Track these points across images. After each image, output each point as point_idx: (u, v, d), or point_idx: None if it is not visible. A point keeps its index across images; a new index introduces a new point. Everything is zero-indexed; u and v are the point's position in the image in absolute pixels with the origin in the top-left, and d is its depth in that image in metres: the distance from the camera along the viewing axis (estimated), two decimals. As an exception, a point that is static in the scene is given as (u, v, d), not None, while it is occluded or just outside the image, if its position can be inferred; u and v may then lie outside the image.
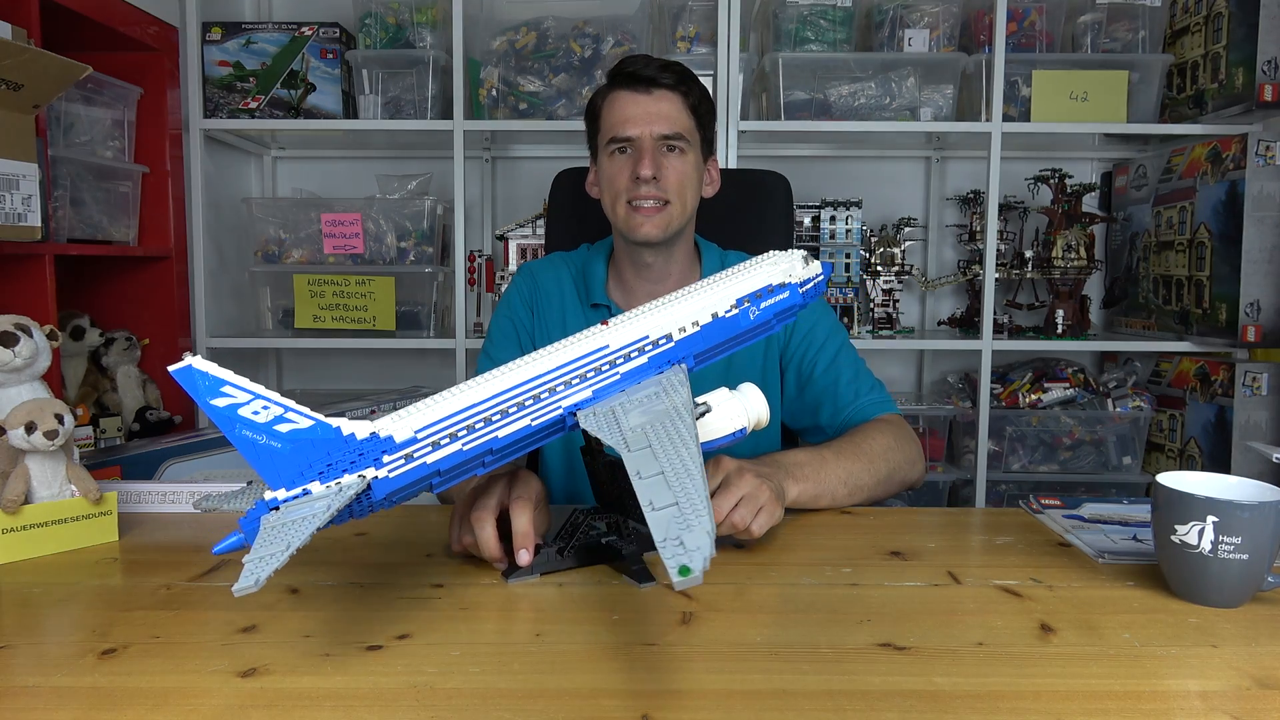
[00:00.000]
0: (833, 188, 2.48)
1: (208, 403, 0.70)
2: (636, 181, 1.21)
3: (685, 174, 1.24)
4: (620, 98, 1.24)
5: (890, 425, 1.20)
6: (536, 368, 0.81)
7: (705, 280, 0.92)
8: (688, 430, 0.73)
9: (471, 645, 0.72)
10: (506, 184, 2.61)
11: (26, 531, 0.93)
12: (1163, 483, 0.82)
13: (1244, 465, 2.06)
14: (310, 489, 0.72)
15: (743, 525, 0.91)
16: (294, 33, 2.22)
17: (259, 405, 0.71)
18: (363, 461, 0.74)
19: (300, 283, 2.22)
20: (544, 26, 2.23)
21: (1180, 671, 0.68)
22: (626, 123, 1.22)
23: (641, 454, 0.71)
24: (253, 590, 0.63)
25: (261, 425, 0.71)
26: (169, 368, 0.69)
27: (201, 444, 1.57)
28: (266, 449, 0.71)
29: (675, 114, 1.24)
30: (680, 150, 1.24)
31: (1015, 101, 2.23)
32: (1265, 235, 2.02)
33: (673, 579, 0.58)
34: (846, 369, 1.27)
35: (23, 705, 0.63)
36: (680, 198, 1.24)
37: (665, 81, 1.23)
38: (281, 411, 0.72)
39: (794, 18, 2.21)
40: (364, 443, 0.74)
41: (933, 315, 2.63)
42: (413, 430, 0.75)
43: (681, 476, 0.67)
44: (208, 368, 0.70)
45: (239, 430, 0.71)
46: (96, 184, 1.86)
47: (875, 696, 0.64)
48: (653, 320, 0.86)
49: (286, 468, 0.72)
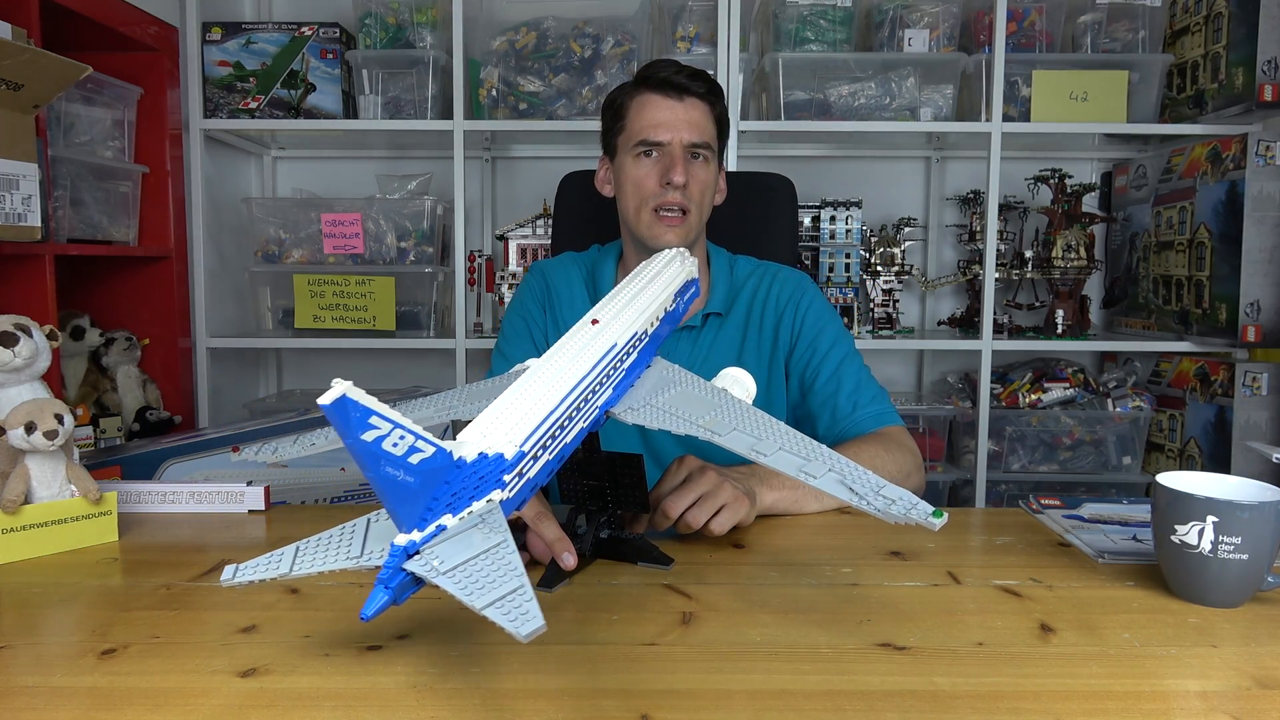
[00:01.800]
0: (833, 188, 2.48)
1: (359, 439, 0.57)
2: (666, 187, 1.23)
3: (707, 183, 1.27)
4: (652, 101, 1.25)
5: (882, 437, 1.20)
6: (578, 370, 0.77)
7: (637, 276, 0.94)
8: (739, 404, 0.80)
9: (471, 645, 0.72)
10: (506, 184, 2.61)
11: (26, 531, 0.93)
12: (1163, 483, 0.82)
13: (1244, 465, 2.06)
14: (445, 524, 0.63)
15: (696, 523, 0.93)
16: (294, 33, 2.22)
17: (397, 436, 0.59)
18: (485, 486, 0.66)
19: (300, 283, 2.22)
20: (544, 26, 2.23)
21: (1180, 671, 0.68)
22: (658, 127, 1.24)
23: (735, 435, 0.75)
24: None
25: (399, 459, 0.60)
26: (318, 400, 0.55)
27: (201, 444, 1.57)
28: (403, 486, 0.61)
29: (704, 123, 1.26)
30: (705, 159, 1.26)
31: (1015, 101, 2.23)
32: (1265, 235, 2.02)
33: (927, 521, 0.64)
34: (849, 379, 1.27)
35: (23, 705, 0.63)
36: (700, 206, 1.27)
37: (697, 90, 1.25)
38: (414, 441, 0.60)
39: (794, 18, 2.21)
40: (478, 464, 0.66)
41: (933, 315, 2.63)
42: (517, 445, 0.69)
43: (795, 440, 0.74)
44: (360, 396, 0.56)
45: (383, 468, 0.59)
46: (96, 184, 1.86)
47: (875, 696, 0.64)
48: (630, 316, 0.87)
49: (416, 504, 0.62)
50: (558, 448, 0.74)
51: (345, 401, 0.55)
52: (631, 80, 1.30)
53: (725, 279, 1.34)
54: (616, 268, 1.36)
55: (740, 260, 1.38)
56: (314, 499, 1.62)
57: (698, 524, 0.93)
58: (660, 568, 0.89)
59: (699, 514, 0.94)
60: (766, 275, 1.36)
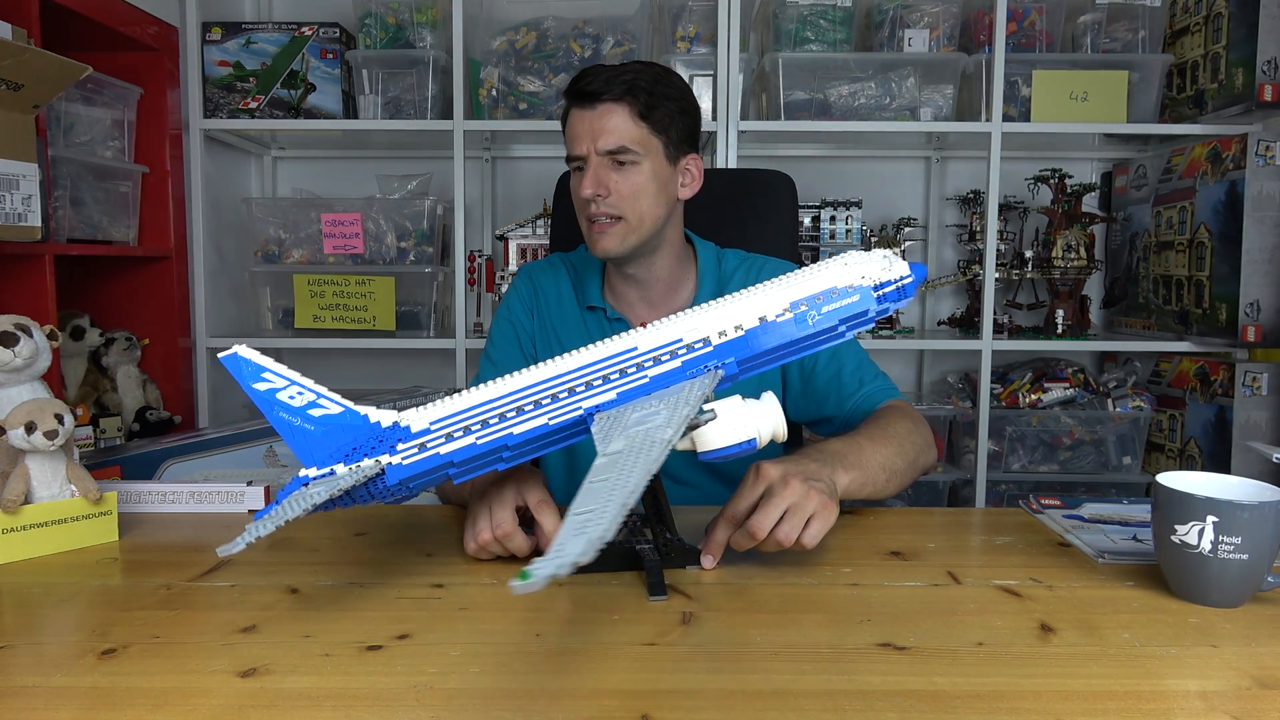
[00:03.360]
0: (833, 188, 2.48)
1: (250, 386, 0.79)
2: (585, 200, 1.20)
3: (638, 185, 1.19)
4: (571, 115, 1.22)
5: (904, 411, 1.19)
6: (557, 367, 0.82)
7: (766, 283, 0.86)
8: (658, 448, 0.70)
9: (471, 645, 0.72)
10: (506, 184, 2.61)
11: (26, 531, 0.93)
12: (1163, 483, 0.82)
13: (1244, 465, 2.06)
14: (336, 470, 0.80)
15: (788, 540, 0.86)
16: (294, 33, 2.22)
17: (294, 390, 0.80)
18: (381, 447, 0.80)
19: (300, 283, 2.22)
20: (544, 26, 2.23)
21: (1180, 671, 0.68)
22: (574, 140, 1.20)
23: (604, 460, 0.71)
24: (236, 550, 0.74)
25: (297, 409, 0.80)
26: (219, 355, 0.79)
27: (201, 444, 1.57)
28: (301, 431, 0.80)
29: (620, 126, 1.18)
30: (631, 163, 1.19)
31: (1015, 101, 2.23)
32: (1265, 235, 2.02)
33: (511, 582, 0.56)
34: (850, 360, 1.26)
35: (23, 705, 0.63)
36: (634, 210, 1.20)
37: (609, 94, 1.18)
38: (314, 398, 0.80)
39: (794, 18, 2.21)
40: (386, 430, 0.80)
41: (933, 315, 2.63)
42: (428, 421, 0.80)
43: (616, 490, 0.65)
44: (251, 355, 0.79)
45: (277, 413, 0.80)
46: (96, 184, 1.86)
47: (875, 696, 0.64)
48: (689, 323, 0.83)
49: (318, 449, 0.80)
50: (490, 435, 0.80)
51: (236, 357, 0.79)
52: None
53: (713, 272, 1.33)
54: (603, 268, 1.36)
55: (728, 253, 1.37)
56: (314, 499, 1.62)
57: (789, 541, 0.85)
58: (645, 594, 0.84)
59: (788, 530, 0.85)
60: (754, 266, 1.34)
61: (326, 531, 1.02)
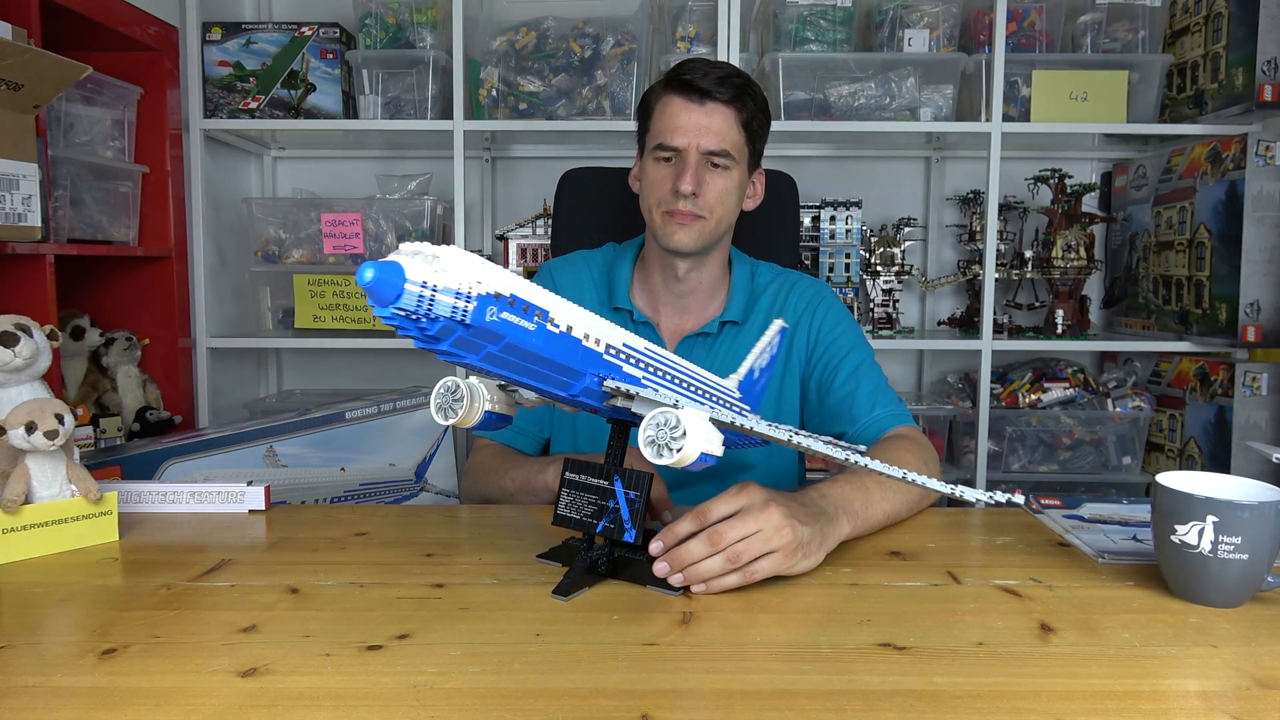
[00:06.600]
0: (833, 188, 2.48)
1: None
2: (675, 194, 1.20)
3: (726, 191, 1.22)
4: (672, 103, 1.21)
5: (917, 444, 1.17)
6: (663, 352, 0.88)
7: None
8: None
9: (471, 645, 0.72)
10: (506, 184, 2.61)
11: (26, 531, 0.93)
12: (1163, 483, 0.82)
13: (1244, 465, 2.06)
14: None
15: (741, 557, 0.82)
16: (294, 33, 2.22)
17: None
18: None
19: (300, 283, 2.22)
20: (544, 27, 2.23)
21: (1180, 671, 0.68)
22: (675, 132, 1.20)
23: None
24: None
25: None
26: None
27: (201, 444, 1.57)
28: None
29: (725, 130, 1.20)
30: (725, 168, 1.21)
31: (1015, 101, 2.23)
32: (1265, 235, 2.02)
33: None
34: (866, 382, 1.25)
35: (23, 705, 0.63)
36: (715, 214, 1.22)
37: (720, 95, 1.19)
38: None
39: (794, 18, 2.21)
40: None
41: (933, 315, 2.63)
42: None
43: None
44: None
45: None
46: (96, 184, 1.86)
47: (875, 696, 0.64)
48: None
49: None
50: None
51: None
52: (663, 78, 1.26)
53: (745, 287, 1.32)
54: (634, 265, 1.35)
55: (762, 267, 1.36)
56: (314, 499, 1.62)
57: (741, 559, 0.82)
58: (669, 593, 0.83)
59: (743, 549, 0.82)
60: (785, 284, 1.34)
61: (327, 531, 1.03)
